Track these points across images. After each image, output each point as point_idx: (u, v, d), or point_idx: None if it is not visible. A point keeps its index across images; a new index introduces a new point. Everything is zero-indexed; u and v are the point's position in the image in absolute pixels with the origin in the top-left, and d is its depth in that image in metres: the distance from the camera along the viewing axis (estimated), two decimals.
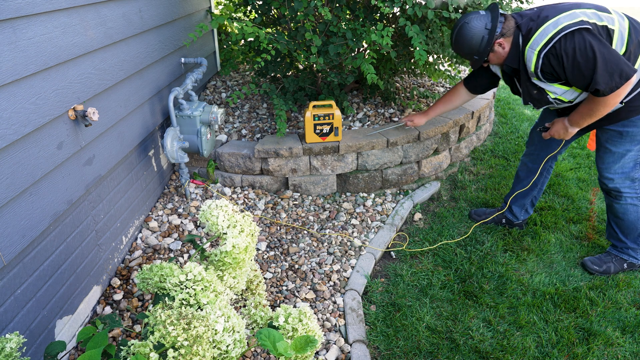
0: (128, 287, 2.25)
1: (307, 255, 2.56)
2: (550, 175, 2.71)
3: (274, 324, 1.27)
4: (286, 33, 2.99)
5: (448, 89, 3.92)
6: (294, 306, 2.21)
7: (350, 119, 3.31)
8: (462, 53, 2.24)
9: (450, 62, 3.33)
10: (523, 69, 2.13)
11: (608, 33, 1.97)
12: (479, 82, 2.56)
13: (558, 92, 2.11)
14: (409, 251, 2.63)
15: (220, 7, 4.10)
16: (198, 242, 2.57)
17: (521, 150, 3.72)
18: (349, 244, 2.65)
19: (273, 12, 3.19)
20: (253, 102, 3.57)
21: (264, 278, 2.37)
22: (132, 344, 1.09)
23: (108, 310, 2.13)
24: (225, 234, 1.43)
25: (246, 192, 2.98)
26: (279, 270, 2.43)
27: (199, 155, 2.95)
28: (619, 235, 2.44)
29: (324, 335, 2.07)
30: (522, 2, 3.25)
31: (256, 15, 3.22)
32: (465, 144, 3.51)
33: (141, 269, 1.35)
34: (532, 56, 2.03)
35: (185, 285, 1.24)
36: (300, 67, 3.54)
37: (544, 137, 2.39)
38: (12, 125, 1.53)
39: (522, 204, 2.75)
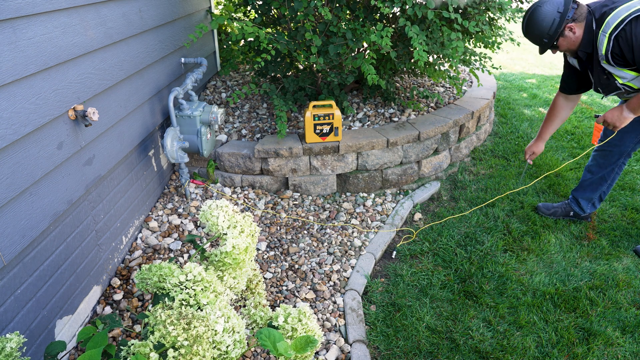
0: (128, 287, 2.25)
1: (307, 255, 2.56)
2: (622, 172, 2.75)
3: (273, 323, 1.27)
4: (286, 33, 2.99)
5: (448, 89, 3.92)
6: (294, 306, 2.21)
7: (350, 119, 3.31)
8: (531, 36, 2.27)
9: (450, 63, 3.33)
10: (595, 54, 2.16)
11: None
12: (567, 82, 2.54)
13: (627, 77, 2.13)
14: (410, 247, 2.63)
15: (220, 7, 4.10)
16: (198, 242, 2.57)
17: (521, 150, 3.72)
18: (349, 244, 2.65)
19: (273, 12, 3.19)
20: (253, 102, 3.57)
21: (264, 278, 2.37)
22: (132, 344, 1.09)
23: (108, 310, 2.13)
24: (226, 234, 1.43)
25: (246, 192, 2.98)
26: (279, 270, 2.43)
27: (199, 155, 2.95)
28: None
29: (324, 335, 2.07)
30: (522, 2, 3.26)
31: (256, 15, 3.22)
32: (465, 144, 3.51)
33: (140, 269, 1.35)
34: (603, 39, 2.06)
35: (185, 286, 1.24)
36: (300, 67, 3.54)
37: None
38: (12, 125, 1.53)
39: (590, 198, 2.78)
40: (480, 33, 3.14)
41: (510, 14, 3.03)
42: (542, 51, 2.32)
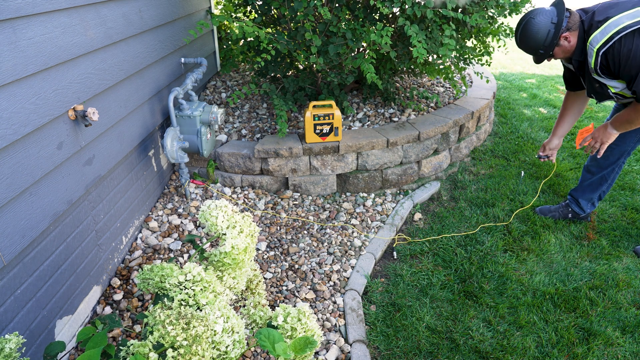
0: (128, 287, 2.25)
1: (307, 255, 2.56)
2: (621, 172, 2.76)
3: (273, 323, 1.27)
4: (286, 33, 2.99)
5: (448, 89, 3.92)
6: (294, 306, 2.21)
7: (350, 119, 3.30)
8: (527, 47, 2.23)
9: (449, 63, 3.33)
10: (587, 63, 2.14)
11: None
12: (569, 80, 2.52)
13: (619, 87, 2.11)
14: (412, 242, 2.63)
15: (220, 7, 4.10)
16: (198, 242, 2.57)
17: (521, 150, 3.72)
18: (349, 244, 2.65)
19: (273, 12, 3.19)
20: (253, 102, 3.57)
21: (264, 278, 2.37)
22: (132, 344, 1.09)
23: (108, 310, 2.13)
24: (225, 234, 1.43)
25: (246, 192, 2.98)
26: (279, 270, 2.43)
27: (199, 155, 2.95)
28: None
29: (324, 335, 2.07)
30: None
31: (256, 16, 3.22)
32: (465, 144, 3.51)
33: (141, 269, 1.35)
34: (591, 53, 2.04)
35: (184, 286, 1.24)
36: (300, 67, 3.54)
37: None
38: (12, 125, 1.53)
39: (590, 198, 2.77)
40: (479, 26, 3.12)
41: (509, 11, 3.02)
42: (538, 61, 2.30)
